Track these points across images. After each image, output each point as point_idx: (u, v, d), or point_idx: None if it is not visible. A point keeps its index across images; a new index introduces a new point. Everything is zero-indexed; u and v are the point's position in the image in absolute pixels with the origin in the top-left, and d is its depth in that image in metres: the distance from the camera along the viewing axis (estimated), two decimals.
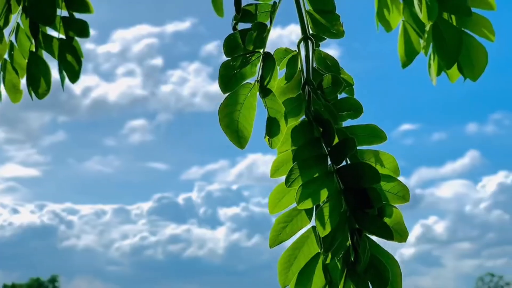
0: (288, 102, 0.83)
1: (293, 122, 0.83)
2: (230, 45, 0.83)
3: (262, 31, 0.83)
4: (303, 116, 0.84)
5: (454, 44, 1.13)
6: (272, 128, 0.82)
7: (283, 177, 0.82)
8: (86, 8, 1.42)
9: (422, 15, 1.10)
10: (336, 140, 0.78)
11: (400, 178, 0.78)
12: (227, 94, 0.82)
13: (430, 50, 1.22)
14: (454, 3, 1.13)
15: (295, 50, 0.85)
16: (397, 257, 0.77)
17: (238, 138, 0.82)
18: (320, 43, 0.86)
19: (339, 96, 0.82)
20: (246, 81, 0.83)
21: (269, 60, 0.82)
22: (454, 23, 1.16)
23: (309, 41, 0.84)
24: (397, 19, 1.24)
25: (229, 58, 0.83)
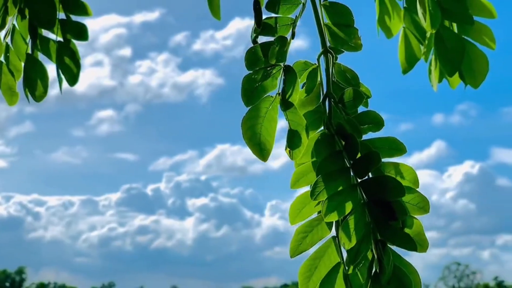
0: (308, 115, 0.85)
1: (313, 135, 0.84)
2: (251, 59, 0.84)
3: (283, 44, 0.84)
4: (321, 128, 0.86)
5: (456, 52, 1.15)
6: (293, 140, 0.83)
7: (303, 189, 0.84)
8: (84, 11, 1.42)
9: (426, 23, 1.12)
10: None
11: None
12: (249, 107, 0.83)
13: (430, 56, 1.25)
14: (457, 12, 1.16)
15: (315, 63, 0.87)
16: None
17: (261, 150, 0.83)
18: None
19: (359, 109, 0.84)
20: (267, 94, 0.84)
21: (290, 74, 0.83)
22: (456, 31, 1.18)
23: (329, 54, 0.86)
24: (398, 26, 1.26)
25: (251, 72, 0.84)
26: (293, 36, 0.85)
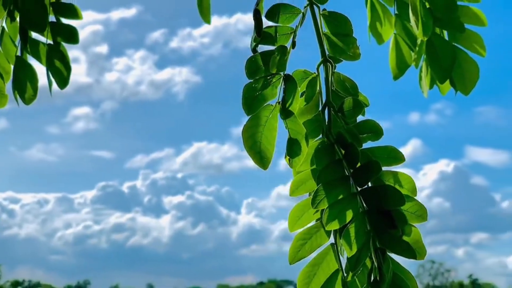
0: (307, 123, 0.86)
1: (312, 143, 0.85)
2: (251, 68, 0.85)
3: (284, 54, 0.85)
4: (319, 136, 0.87)
5: (447, 60, 1.17)
6: (293, 148, 0.84)
7: (302, 196, 0.86)
8: (74, 14, 1.42)
9: (418, 31, 1.14)
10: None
11: None
12: (250, 116, 0.84)
13: (421, 63, 1.26)
14: (448, 20, 1.17)
15: (314, 73, 0.88)
16: None
17: (261, 159, 0.84)
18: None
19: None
20: (267, 103, 0.85)
21: (291, 83, 0.84)
22: (447, 39, 1.20)
23: (328, 64, 0.87)
24: (389, 32, 1.28)
25: (251, 80, 0.85)
26: (293, 46, 0.86)
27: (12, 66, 1.43)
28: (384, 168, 0.83)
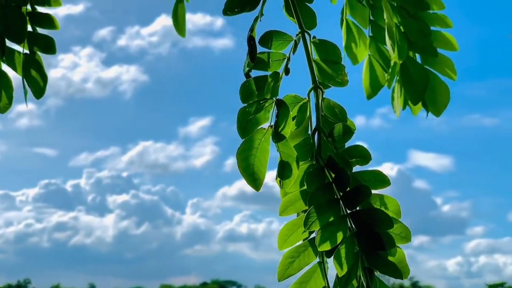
0: (297, 147, 0.89)
1: (302, 166, 0.89)
2: (245, 92, 0.88)
3: (277, 80, 0.89)
4: (309, 159, 0.91)
5: (421, 83, 1.22)
6: (284, 171, 0.88)
7: (292, 216, 0.89)
8: (51, 25, 1.43)
9: (394, 54, 1.19)
10: None
11: None
12: (244, 139, 0.88)
13: (393, 83, 1.32)
14: (422, 45, 1.23)
15: (305, 98, 0.91)
16: None
17: (254, 180, 0.87)
18: None
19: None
20: (260, 126, 0.89)
21: (283, 108, 0.88)
22: (419, 61, 1.25)
23: (318, 90, 0.90)
24: (364, 53, 1.33)
25: (245, 105, 0.88)
26: (287, 73, 0.89)
27: None
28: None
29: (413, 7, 1.24)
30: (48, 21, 1.41)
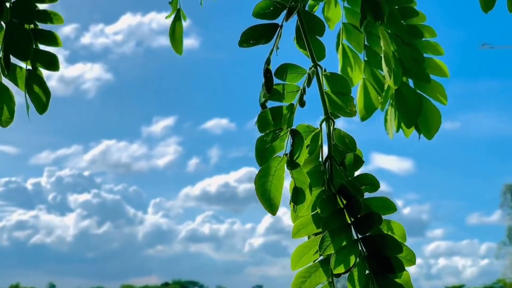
0: (310, 174, 0.95)
1: (314, 192, 0.95)
2: (262, 122, 0.94)
3: (292, 112, 0.95)
4: (320, 185, 0.97)
5: (415, 107, 1.29)
6: (298, 196, 0.94)
7: (304, 238, 0.96)
8: (54, 42, 1.47)
9: (391, 80, 1.25)
10: None
11: (252, 169, 0.93)
12: (261, 166, 0.93)
13: (387, 106, 1.38)
14: (416, 71, 1.30)
15: (317, 128, 0.97)
16: (245, 247, 0.92)
17: (270, 205, 0.93)
18: None
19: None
20: (276, 155, 0.94)
21: (298, 138, 0.94)
22: (412, 86, 1.32)
23: (330, 120, 0.97)
24: (359, 77, 1.39)
25: (262, 134, 0.94)
26: (303, 105, 0.95)
27: None
28: None
29: (408, 35, 1.31)
30: (51, 38, 1.45)
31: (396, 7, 1.31)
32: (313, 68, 0.97)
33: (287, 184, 0.95)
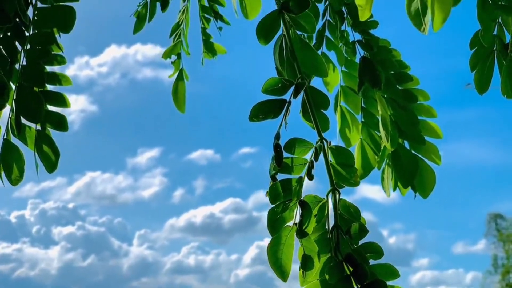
0: (318, 242, 1.02)
1: (322, 259, 1.01)
2: (273, 194, 1.01)
3: (301, 185, 1.01)
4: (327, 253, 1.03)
5: (411, 168, 1.36)
6: (307, 263, 1.00)
7: None
8: (63, 103, 1.52)
9: (388, 143, 1.32)
10: None
11: (237, 200, 0.99)
12: (273, 236, 1.00)
13: (383, 165, 1.45)
14: (412, 134, 1.37)
15: (324, 198, 1.04)
16: (231, 278, 0.99)
17: (282, 273, 0.99)
18: None
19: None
20: (286, 224, 1.01)
21: (307, 209, 1.00)
22: (408, 147, 1.40)
23: (336, 191, 1.03)
24: (357, 137, 1.46)
25: (273, 205, 1.00)
26: (311, 178, 1.02)
27: None
28: None
29: (403, 99, 1.38)
30: (60, 100, 1.51)
31: (392, 72, 1.39)
32: (319, 143, 1.04)
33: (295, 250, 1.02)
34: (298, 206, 1.01)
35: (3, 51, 1.46)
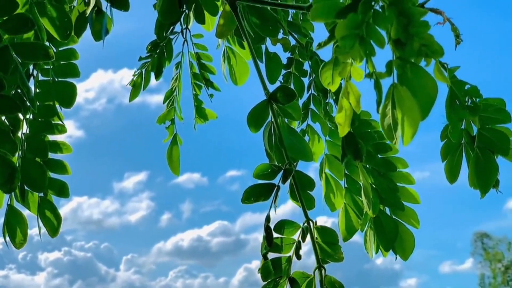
0: None
1: None
2: (265, 272, 1.11)
3: (290, 263, 1.11)
4: None
5: (392, 233, 1.46)
6: None
7: None
8: (64, 171, 1.62)
9: (370, 210, 1.43)
10: None
11: (225, 223, 1.09)
12: None
13: (366, 227, 1.55)
14: (391, 200, 1.47)
15: (311, 274, 1.14)
16: None
17: None
18: None
19: None
20: None
21: (295, 285, 1.10)
22: (388, 212, 1.50)
23: (322, 269, 1.13)
24: (340, 202, 1.56)
25: (265, 283, 1.10)
26: (299, 258, 1.12)
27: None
28: None
29: (383, 168, 1.49)
30: (61, 168, 1.60)
31: (372, 143, 1.50)
32: (305, 224, 1.14)
33: None
34: (288, 283, 1.11)
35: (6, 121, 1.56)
